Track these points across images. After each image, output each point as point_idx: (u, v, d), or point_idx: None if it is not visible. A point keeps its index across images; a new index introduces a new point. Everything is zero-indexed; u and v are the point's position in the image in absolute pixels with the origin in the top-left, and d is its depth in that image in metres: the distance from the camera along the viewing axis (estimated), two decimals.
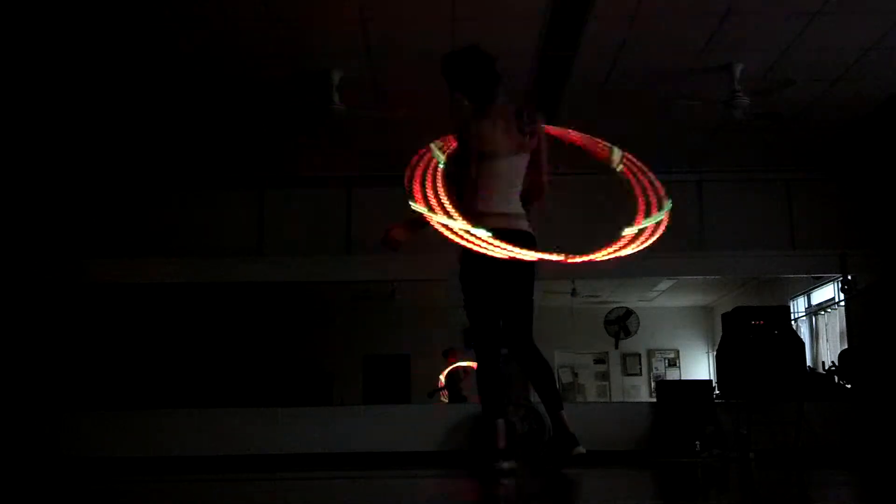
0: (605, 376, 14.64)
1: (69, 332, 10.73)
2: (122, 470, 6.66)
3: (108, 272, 8.71)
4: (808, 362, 9.36)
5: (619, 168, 4.37)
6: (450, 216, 3.87)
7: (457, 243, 3.97)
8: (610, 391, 14.54)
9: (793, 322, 9.86)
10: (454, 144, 4.25)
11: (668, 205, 4.20)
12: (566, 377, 14.38)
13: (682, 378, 13.70)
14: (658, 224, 4.19)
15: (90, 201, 8.80)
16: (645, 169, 4.34)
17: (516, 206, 4.41)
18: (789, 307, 10.53)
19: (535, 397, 7.17)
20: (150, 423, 8.16)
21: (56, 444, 7.92)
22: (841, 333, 10.08)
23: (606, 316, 13.23)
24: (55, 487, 4.29)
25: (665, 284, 12.57)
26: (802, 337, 9.78)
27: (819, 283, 10.56)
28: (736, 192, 8.97)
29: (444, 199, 3.89)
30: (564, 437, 4.27)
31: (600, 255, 4.09)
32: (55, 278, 8.65)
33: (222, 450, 7.90)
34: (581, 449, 4.16)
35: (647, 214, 4.15)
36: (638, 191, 4.23)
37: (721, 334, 8.56)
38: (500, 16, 6.02)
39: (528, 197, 4.48)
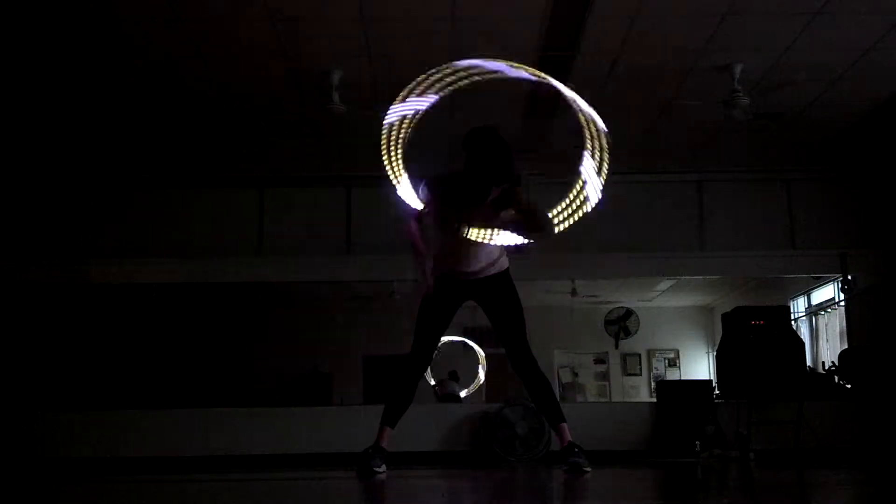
0: (605, 376, 14.63)
1: (69, 332, 10.75)
2: (122, 470, 6.66)
3: (108, 272, 8.70)
4: (808, 362, 9.36)
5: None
6: None
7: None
8: (610, 391, 14.53)
9: (793, 322, 9.86)
10: None
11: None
12: (566, 377, 14.38)
13: (682, 378, 13.70)
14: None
15: (90, 201, 8.79)
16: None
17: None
18: (789, 307, 10.53)
19: None
20: (150, 423, 8.16)
21: (55, 445, 7.91)
22: (841, 333, 10.08)
23: (606, 316, 13.23)
24: (55, 487, 4.29)
25: (665, 284, 12.56)
26: (802, 337, 9.79)
27: (819, 283, 10.55)
28: (736, 192, 8.96)
29: None
30: (572, 453, 4.33)
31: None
32: (55, 278, 8.64)
33: (222, 450, 7.90)
34: (588, 469, 4.30)
35: None
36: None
37: (721, 334, 8.57)
38: (500, 16, 6.02)
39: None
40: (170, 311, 11.70)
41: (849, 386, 8.37)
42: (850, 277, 8.88)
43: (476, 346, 10.78)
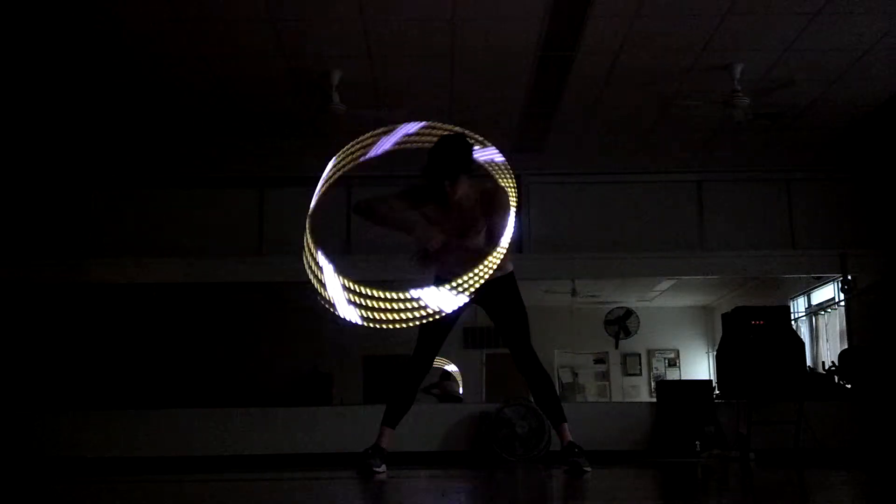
0: (605, 376, 14.62)
1: (69, 332, 10.74)
2: (122, 470, 6.66)
3: (108, 272, 8.70)
4: (808, 362, 9.35)
5: None
6: None
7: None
8: (610, 391, 14.52)
9: (793, 322, 9.85)
10: None
11: None
12: (566, 377, 14.37)
13: (682, 378, 13.68)
14: None
15: (90, 201, 8.79)
16: None
17: None
18: (789, 307, 10.52)
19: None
20: (150, 423, 8.16)
21: (56, 445, 7.91)
22: (841, 333, 10.07)
23: (606, 316, 13.21)
24: (55, 487, 4.29)
25: (665, 284, 12.55)
26: (802, 337, 9.78)
27: (819, 283, 10.55)
28: (736, 192, 8.96)
29: None
30: (572, 453, 4.34)
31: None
32: (55, 278, 8.64)
33: (222, 450, 7.90)
34: (588, 469, 4.30)
35: None
36: None
37: (721, 334, 8.56)
38: (500, 16, 6.02)
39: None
40: (170, 311, 11.69)
41: (849, 386, 8.37)
42: (850, 277, 8.87)
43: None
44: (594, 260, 8.74)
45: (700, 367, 14.25)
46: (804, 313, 11.40)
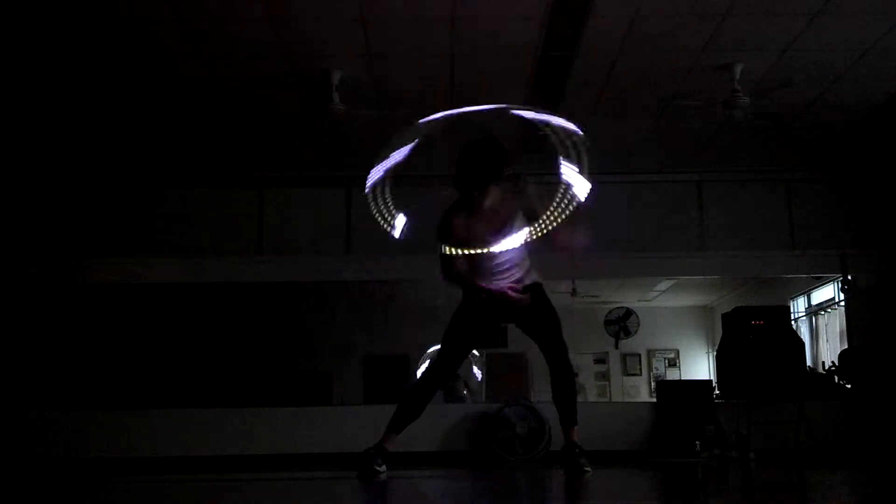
0: (605, 376, 14.64)
1: (69, 332, 10.76)
2: (121, 470, 6.66)
3: (108, 272, 8.70)
4: (808, 362, 9.35)
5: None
6: None
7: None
8: (610, 391, 14.54)
9: (793, 322, 9.85)
10: None
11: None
12: None
13: (682, 378, 13.70)
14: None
15: (90, 201, 8.79)
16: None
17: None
18: (789, 307, 10.53)
19: (534, 397, 7.18)
20: (150, 424, 8.16)
21: (56, 445, 7.91)
22: (841, 333, 10.08)
23: (606, 316, 13.23)
24: (55, 487, 4.29)
25: (665, 284, 12.57)
26: (802, 337, 9.78)
27: (819, 283, 10.56)
28: (736, 192, 8.96)
29: None
30: (572, 453, 4.36)
31: None
32: (55, 278, 8.64)
33: (222, 450, 7.90)
34: (588, 469, 4.32)
35: None
36: None
37: (721, 334, 8.57)
38: (500, 16, 6.02)
39: None
40: (170, 311, 11.71)
41: (849, 386, 8.37)
42: (850, 277, 8.88)
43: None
44: (594, 260, 8.74)
45: (700, 367, 14.27)
46: (804, 313, 11.40)
